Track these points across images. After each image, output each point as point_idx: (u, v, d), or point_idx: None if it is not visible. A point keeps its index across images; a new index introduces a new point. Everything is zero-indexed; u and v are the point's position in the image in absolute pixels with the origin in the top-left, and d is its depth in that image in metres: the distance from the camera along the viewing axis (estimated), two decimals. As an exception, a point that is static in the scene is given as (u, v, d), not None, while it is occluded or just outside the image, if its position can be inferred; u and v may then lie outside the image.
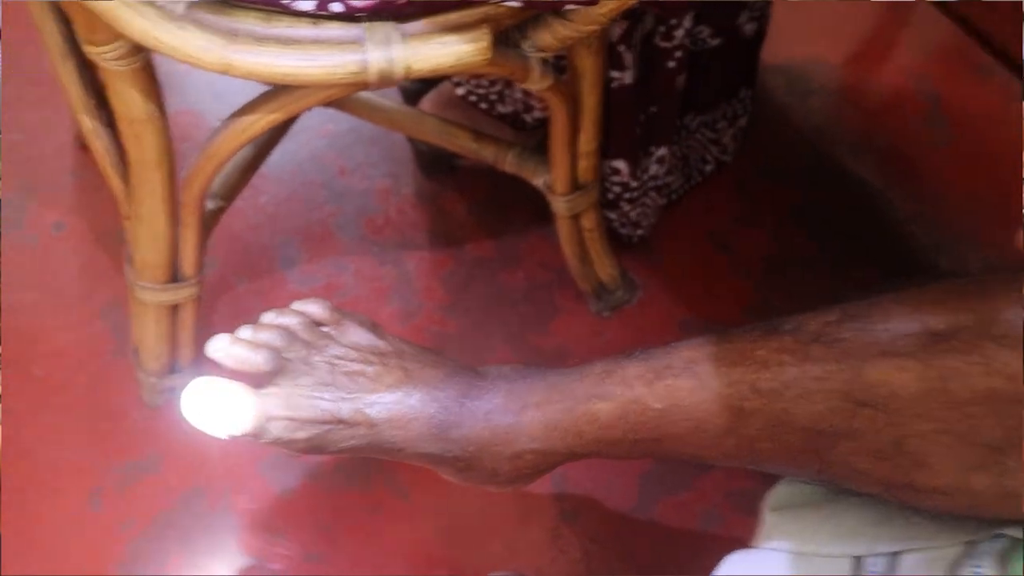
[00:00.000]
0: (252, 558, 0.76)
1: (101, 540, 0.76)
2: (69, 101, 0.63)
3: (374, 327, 0.61)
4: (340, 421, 0.55)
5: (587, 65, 0.68)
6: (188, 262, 0.70)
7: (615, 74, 0.75)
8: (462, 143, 0.78)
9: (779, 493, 0.54)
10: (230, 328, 0.88)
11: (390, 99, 0.82)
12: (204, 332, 0.84)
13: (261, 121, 0.58)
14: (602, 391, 0.53)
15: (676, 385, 0.50)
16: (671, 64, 0.80)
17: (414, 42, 0.53)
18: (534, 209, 0.91)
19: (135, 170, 0.62)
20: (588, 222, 0.82)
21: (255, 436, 0.55)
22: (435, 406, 0.55)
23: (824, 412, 0.44)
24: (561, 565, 0.78)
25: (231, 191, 0.75)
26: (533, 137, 0.88)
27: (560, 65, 0.71)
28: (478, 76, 0.85)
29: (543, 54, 0.62)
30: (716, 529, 0.81)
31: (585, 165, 0.77)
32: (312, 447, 0.56)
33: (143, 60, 0.55)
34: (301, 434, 0.55)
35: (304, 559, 0.77)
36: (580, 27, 0.60)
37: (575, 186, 0.78)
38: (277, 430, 0.55)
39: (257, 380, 0.57)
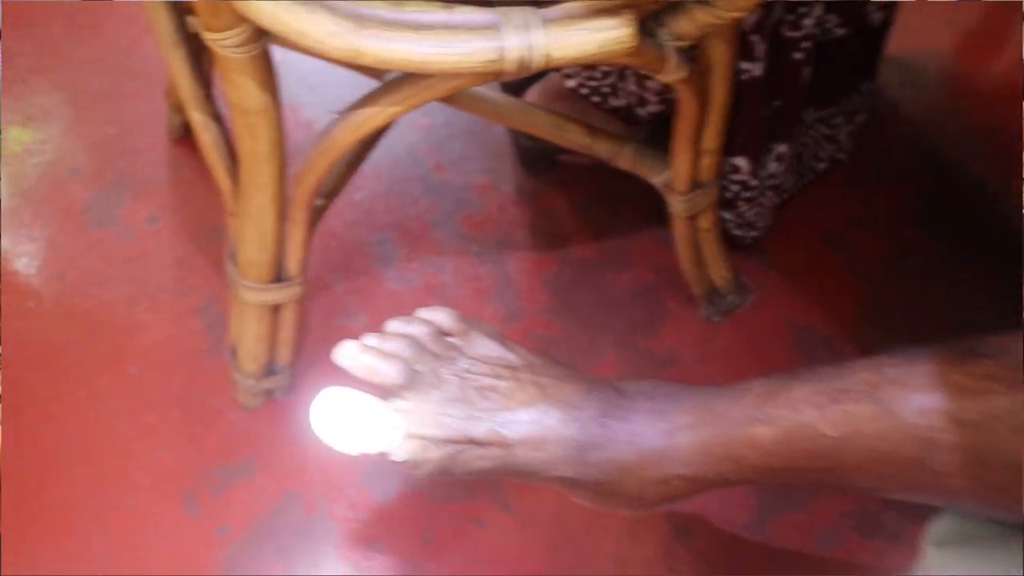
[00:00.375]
0: (351, 569, 0.73)
1: (197, 546, 0.73)
2: (177, 92, 0.59)
3: (501, 338, 0.56)
4: (472, 441, 0.51)
5: (719, 55, 0.63)
6: (294, 261, 0.66)
7: (745, 65, 0.70)
8: (575, 138, 0.73)
9: (943, 526, 0.48)
10: (327, 329, 0.85)
11: (495, 91, 0.78)
12: (301, 333, 0.81)
13: (382, 114, 0.53)
14: (764, 414, 0.47)
15: (854, 411, 0.44)
16: (798, 55, 0.74)
17: (554, 28, 0.48)
18: (641, 207, 0.86)
19: (246, 164, 0.58)
20: (705, 222, 0.77)
21: (388, 455, 0.51)
22: (574, 426, 0.51)
23: None
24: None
25: (336, 187, 0.71)
26: (641, 132, 0.83)
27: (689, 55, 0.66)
28: (595, 66, 0.80)
29: (680, 43, 0.57)
30: (836, 551, 0.76)
31: (708, 163, 0.71)
32: (441, 468, 0.52)
33: (262, 47, 0.51)
34: (432, 454, 0.51)
35: (405, 571, 0.73)
36: (722, 14, 0.55)
37: (695, 184, 0.73)
38: (410, 450, 0.50)
39: (377, 392, 0.53)
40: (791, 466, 0.47)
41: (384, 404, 0.51)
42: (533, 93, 0.85)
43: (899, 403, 0.43)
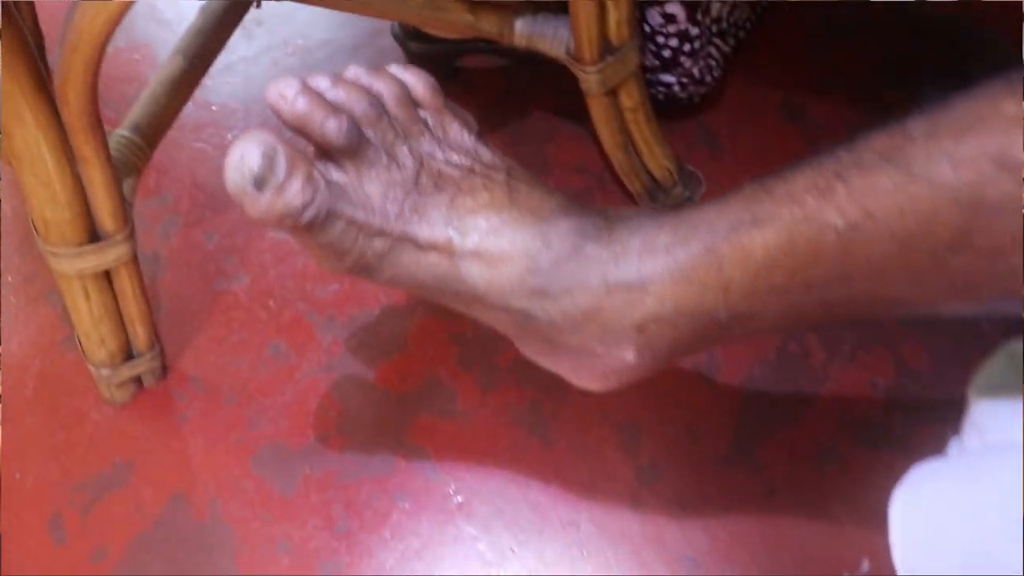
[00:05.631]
0: (256, 577, 0.57)
1: (69, 578, 0.57)
2: None
3: (480, 133, 0.44)
4: (411, 239, 0.40)
5: None
6: (105, 212, 0.50)
7: None
8: (455, 18, 0.56)
9: (993, 369, 0.35)
10: (205, 294, 0.68)
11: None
12: (167, 304, 0.65)
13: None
14: (756, 213, 0.34)
15: (870, 185, 0.30)
16: None
17: None
18: (562, 104, 0.69)
19: (-18, 84, 0.41)
20: (628, 99, 0.60)
21: (306, 230, 0.39)
22: (538, 243, 0.39)
23: None
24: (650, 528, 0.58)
25: (161, 116, 0.54)
26: None
27: None
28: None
29: None
30: (832, 470, 0.60)
31: (617, 18, 0.54)
32: (364, 265, 0.41)
33: None
34: (357, 244, 0.40)
35: (319, 571, 0.57)
36: None
37: (606, 49, 0.56)
38: (333, 232, 0.39)
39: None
40: (796, 280, 0.33)
41: (312, 160, 0.39)
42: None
43: (932, 161, 0.28)
